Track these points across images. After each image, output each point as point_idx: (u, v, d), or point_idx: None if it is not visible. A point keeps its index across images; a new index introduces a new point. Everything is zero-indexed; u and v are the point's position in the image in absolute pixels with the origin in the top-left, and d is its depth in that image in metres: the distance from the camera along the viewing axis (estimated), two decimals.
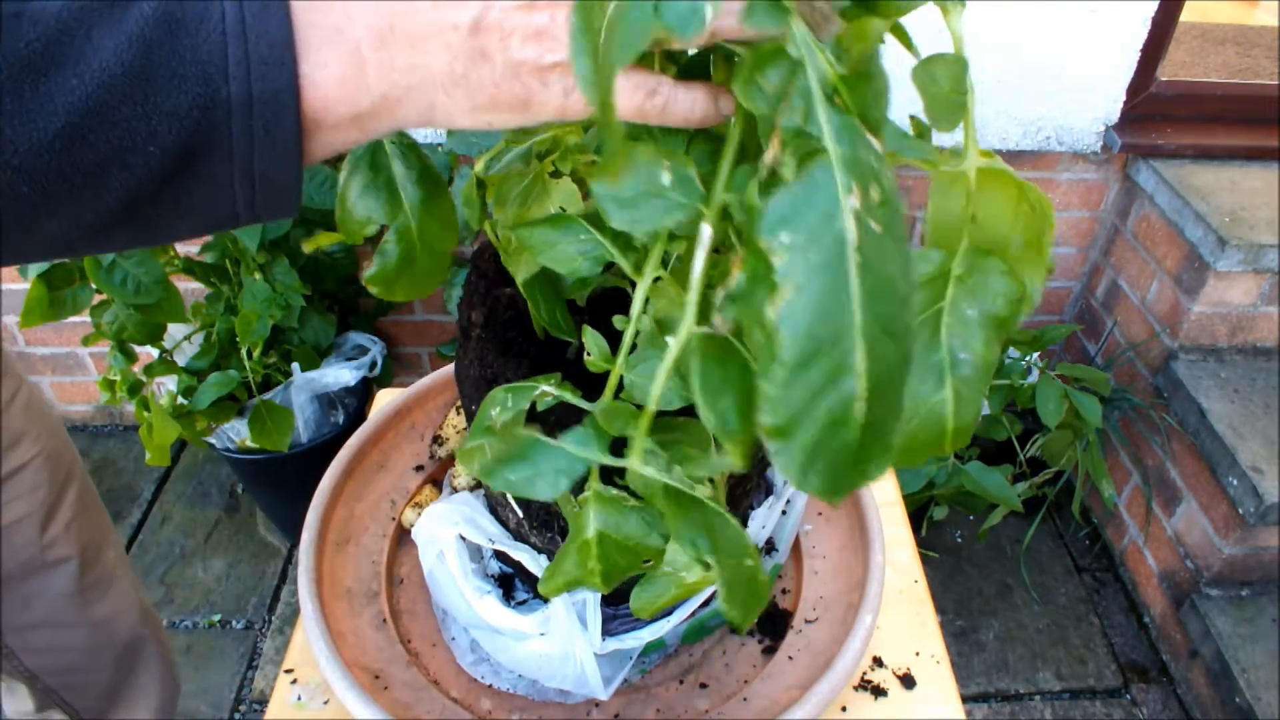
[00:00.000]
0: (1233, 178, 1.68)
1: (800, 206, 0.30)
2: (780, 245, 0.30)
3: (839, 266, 0.30)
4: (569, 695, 0.68)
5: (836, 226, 0.30)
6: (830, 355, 0.30)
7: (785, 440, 0.31)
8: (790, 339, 0.30)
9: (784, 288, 0.30)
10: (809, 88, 0.32)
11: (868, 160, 0.31)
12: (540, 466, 0.42)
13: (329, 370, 1.59)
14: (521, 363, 0.57)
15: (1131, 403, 1.73)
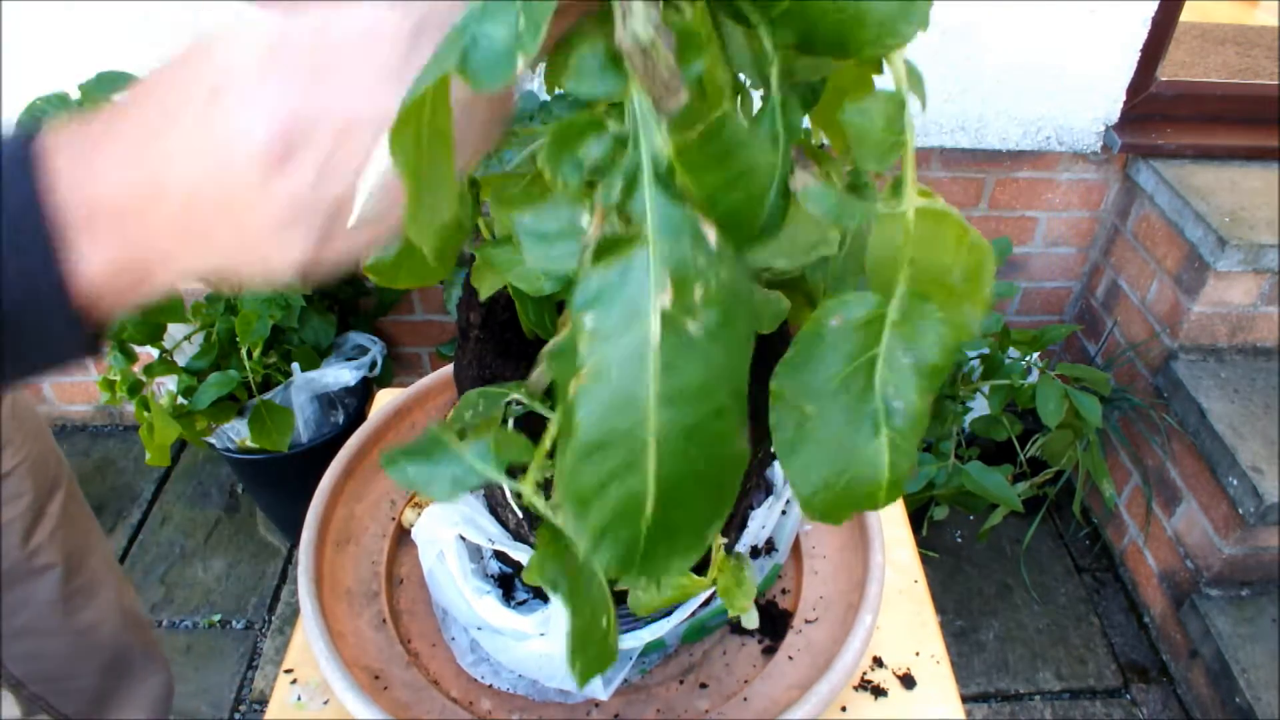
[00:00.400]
0: (1233, 178, 1.68)
1: (609, 295, 0.28)
2: (587, 328, 0.29)
3: (639, 366, 0.28)
4: (569, 695, 0.68)
5: (641, 325, 0.28)
6: (620, 449, 0.29)
7: (577, 511, 0.30)
8: (584, 421, 0.29)
9: (584, 371, 0.29)
10: (638, 165, 0.29)
11: (693, 258, 0.29)
12: (440, 469, 0.42)
13: (329, 370, 1.59)
14: (520, 364, 0.57)
15: (1131, 403, 1.73)
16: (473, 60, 0.27)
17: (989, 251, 0.39)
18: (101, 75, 1.40)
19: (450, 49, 0.28)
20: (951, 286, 0.38)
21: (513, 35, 0.27)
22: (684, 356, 0.29)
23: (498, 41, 0.27)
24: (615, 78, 0.29)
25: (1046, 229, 1.86)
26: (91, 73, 1.41)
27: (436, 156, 0.31)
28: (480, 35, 0.28)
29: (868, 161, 0.35)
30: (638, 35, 0.27)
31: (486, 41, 0.27)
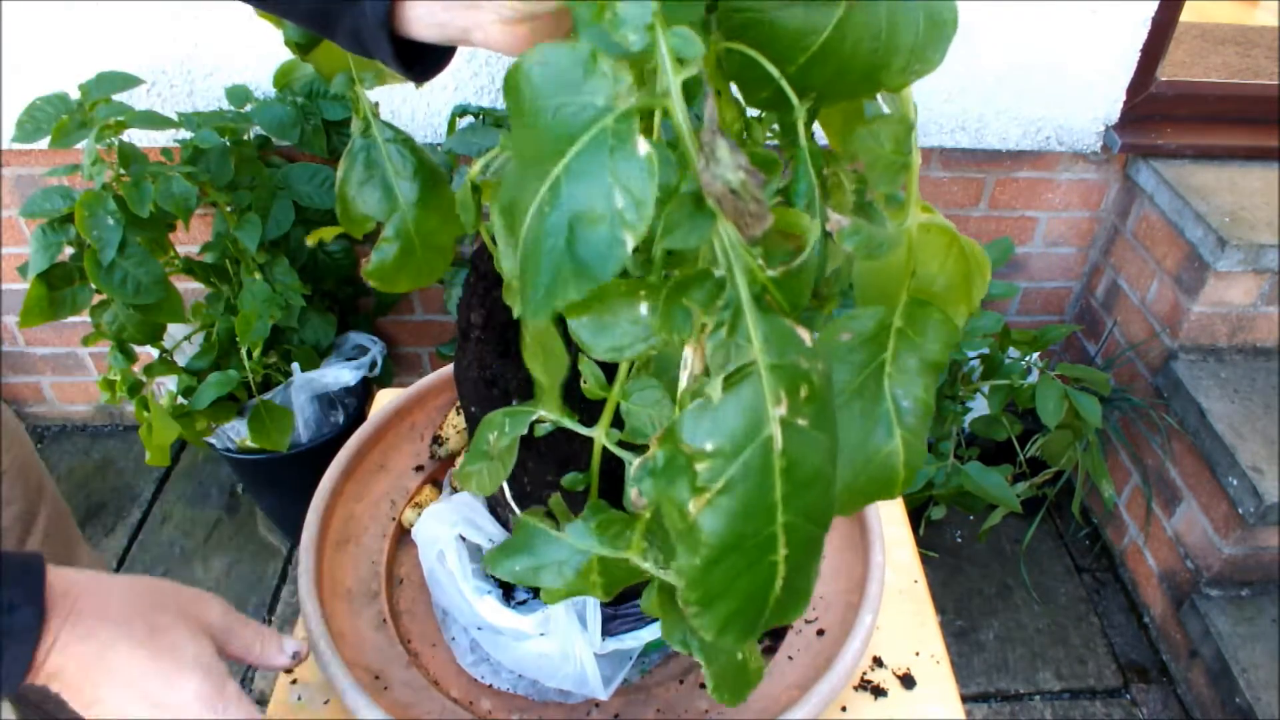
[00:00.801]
0: (1233, 178, 1.68)
1: (724, 418, 0.30)
2: (705, 452, 0.30)
3: (765, 473, 0.30)
4: (569, 695, 0.68)
5: (764, 435, 0.30)
6: (751, 548, 0.31)
7: (704, 609, 0.32)
8: (710, 535, 0.30)
9: (708, 491, 0.30)
10: (737, 297, 0.31)
11: (798, 363, 0.31)
12: (543, 559, 0.44)
13: (329, 370, 1.59)
14: (520, 364, 0.57)
15: (1131, 403, 1.73)
16: (581, 259, 0.29)
17: (981, 257, 0.42)
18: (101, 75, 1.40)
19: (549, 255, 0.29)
20: (948, 290, 0.40)
21: (611, 211, 0.28)
22: (801, 451, 0.31)
23: (599, 229, 0.28)
24: (703, 222, 0.31)
25: (1046, 229, 1.86)
26: (91, 73, 1.41)
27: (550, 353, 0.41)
28: (575, 223, 0.28)
29: (880, 183, 0.38)
30: (728, 180, 0.28)
31: (585, 230, 0.28)
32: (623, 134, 0.28)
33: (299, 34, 0.54)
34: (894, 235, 0.37)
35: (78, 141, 1.31)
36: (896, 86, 0.33)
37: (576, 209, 0.28)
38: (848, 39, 0.32)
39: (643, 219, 0.28)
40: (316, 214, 1.52)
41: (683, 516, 0.31)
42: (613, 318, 0.36)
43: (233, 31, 1.50)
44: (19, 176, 1.68)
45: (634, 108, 0.28)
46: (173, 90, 1.56)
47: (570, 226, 0.28)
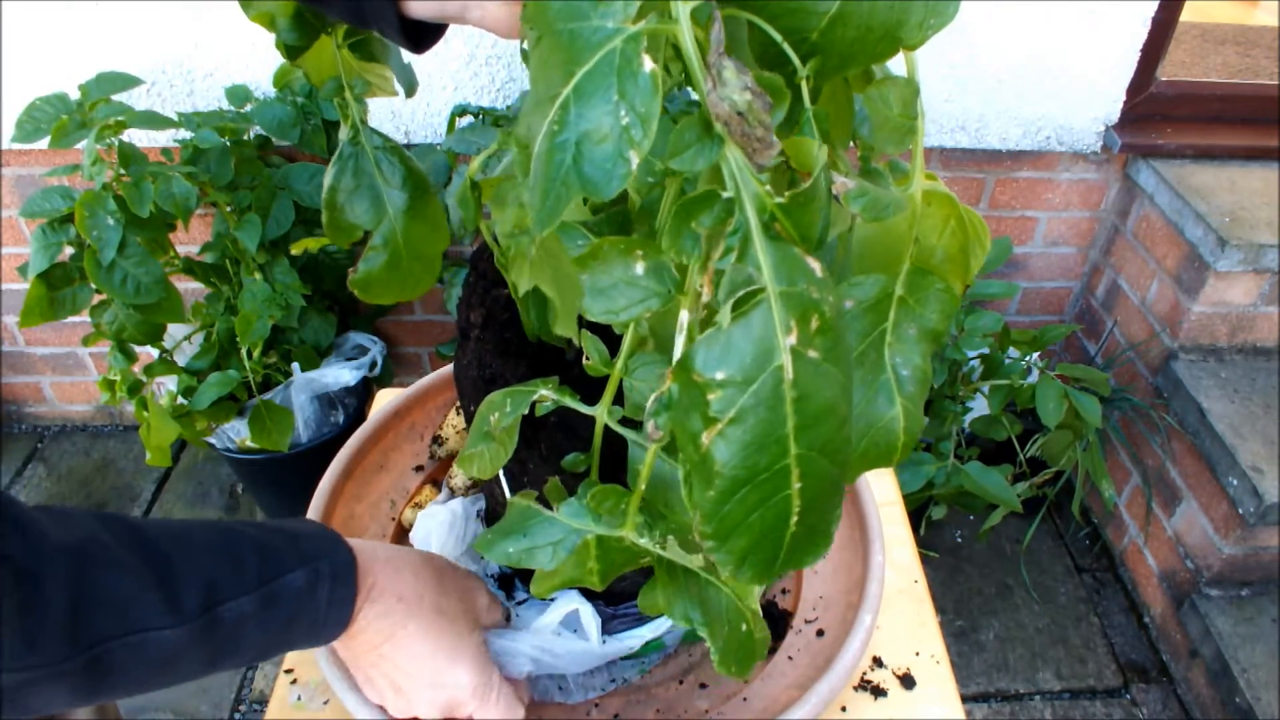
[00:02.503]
0: (1233, 178, 1.68)
1: (736, 347, 0.30)
2: (716, 381, 0.30)
3: (775, 403, 0.30)
4: (569, 694, 0.68)
5: (774, 365, 0.30)
6: (764, 481, 0.31)
7: (720, 544, 0.32)
8: (724, 466, 0.31)
9: (720, 421, 0.30)
10: (746, 223, 0.31)
11: (808, 292, 0.31)
12: (537, 539, 0.44)
13: (329, 370, 1.59)
14: (520, 363, 0.57)
15: (1131, 403, 1.73)
16: (587, 176, 0.29)
17: (981, 227, 0.42)
18: (101, 75, 1.40)
19: (557, 170, 0.29)
20: (947, 260, 0.41)
21: (618, 129, 0.28)
22: (813, 383, 0.31)
23: (606, 145, 0.29)
24: (711, 145, 0.31)
25: (1046, 229, 1.86)
26: (91, 73, 1.41)
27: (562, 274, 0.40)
28: (582, 142, 0.29)
29: (886, 145, 0.37)
30: (734, 101, 0.29)
31: (591, 149, 0.29)
32: (629, 54, 0.28)
33: (290, 36, 0.54)
34: (899, 198, 0.37)
35: (78, 141, 1.31)
36: (916, 42, 0.33)
37: (585, 127, 0.29)
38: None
39: (647, 135, 0.28)
40: (316, 214, 1.52)
41: (696, 448, 0.31)
42: (609, 279, 0.36)
43: (233, 31, 1.50)
44: (19, 176, 1.68)
45: (643, 30, 0.28)
46: (173, 90, 1.56)
47: (578, 144, 0.29)
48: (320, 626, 0.50)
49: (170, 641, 0.43)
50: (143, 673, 0.43)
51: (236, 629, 0.45)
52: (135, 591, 0.42)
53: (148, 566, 0.43)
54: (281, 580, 0.47)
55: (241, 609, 0.45)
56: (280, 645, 0.49)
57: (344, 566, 0.51)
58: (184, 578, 0.44)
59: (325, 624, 0.50)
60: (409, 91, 0.60)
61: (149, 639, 0.42)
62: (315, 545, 0.51)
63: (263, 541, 0.48)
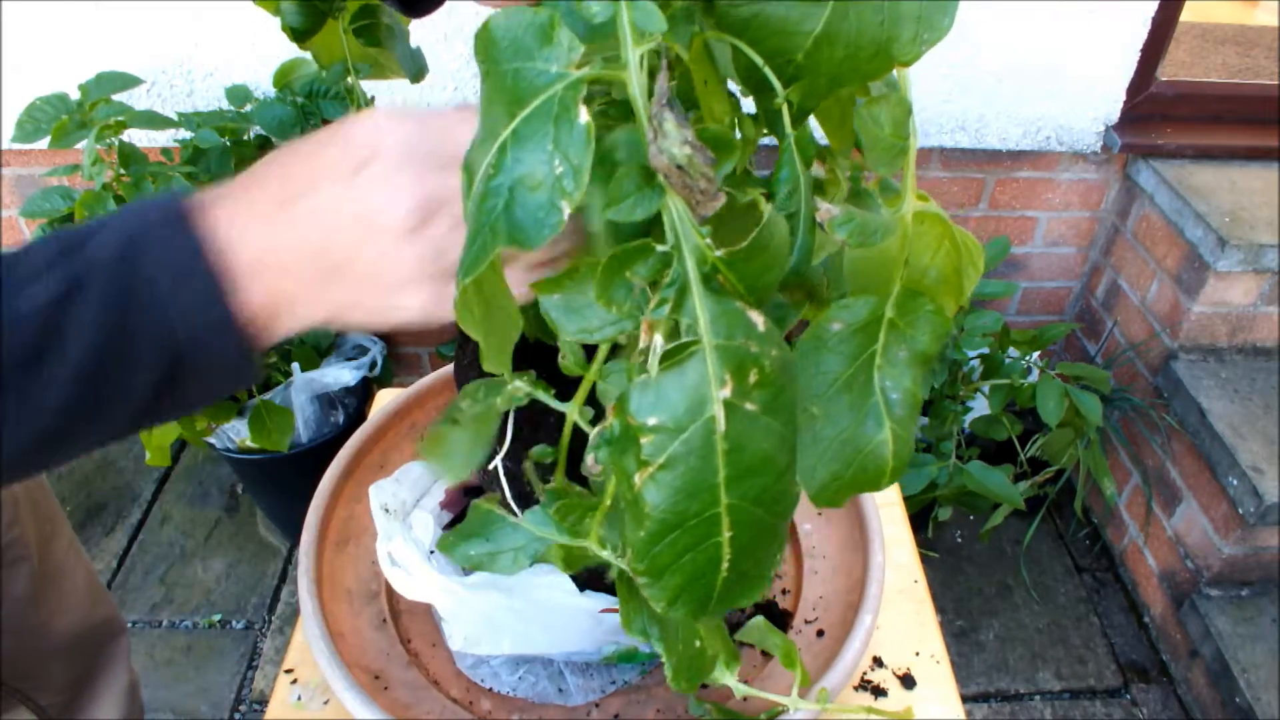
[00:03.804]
0: (1233, 178, 1.68)
1: (667, 395, 0.30)
2: (648, 426, 0.30)
3: (706, 452, 0.30)
4: (569, 696, 0.68)
5: (706, 416, 0.30)
6: (694, 527, 0.31)
7: (654, 580, 0.32)
8: (655, 510, 0.31)
9: (650, 465, 0.30)
10: (684, 275, 0.31)
11: (746, 346, 0.31)
12: (501, 544, 0.44)
13: (329, 370, 1.59)
14: (520, 363, 0.56)
15: (1131, 403, 1.73)
16: (518, 223, 0.29)
17: (974, 248, 0.41)
18: (101, 75, 1.40)
19: (488, 216, 0.29)
20: (939, 281, 0.40)
21: (551, 178, 0.28)
22: (747, 435, 0.31)
23: (540, 194, 0.29)
24: (652, 196, 0.31)
25: (1046, 229, 1.86)
26: (91, 73, 1.41)
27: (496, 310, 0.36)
28: (516, 188, 0.29)
29: (879, 165, 0.37)
30: (674, 155, 0.29)
31: (524, 195, 0.29)
32: (567, 102, 0.28)
33: (296, 19, 0.53)
34: (889, 222, 0.37)
35: (78, 141, 1.31)
36: (910, 59, 0.33)
37: (520, 173, 0.29)
38: (849, 16, 0.32)
39: (579, 187, 0.28)
40: None
41: (630, 487, 0.31)
42: (584, 299, 0.35)
43: (233, 31, 1.50)
44: (19, 176, 1.68)
45: (584, 77, 0.28)
46: (173, 90, 1.56)
47: (511, 190, 0.29)
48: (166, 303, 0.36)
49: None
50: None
51: (47, 326, 0.35)
52: None
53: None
54: (85, 251, 0.36)
55: (45, 294, 0.35)
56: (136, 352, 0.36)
57: (174, 214, 0.37)
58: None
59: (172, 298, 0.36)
60: (416, 77, 0.60)
61: None
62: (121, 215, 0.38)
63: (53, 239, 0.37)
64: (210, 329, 0.37)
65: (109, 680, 0.96)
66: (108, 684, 0.96)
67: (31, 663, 0.86)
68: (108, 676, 0.96)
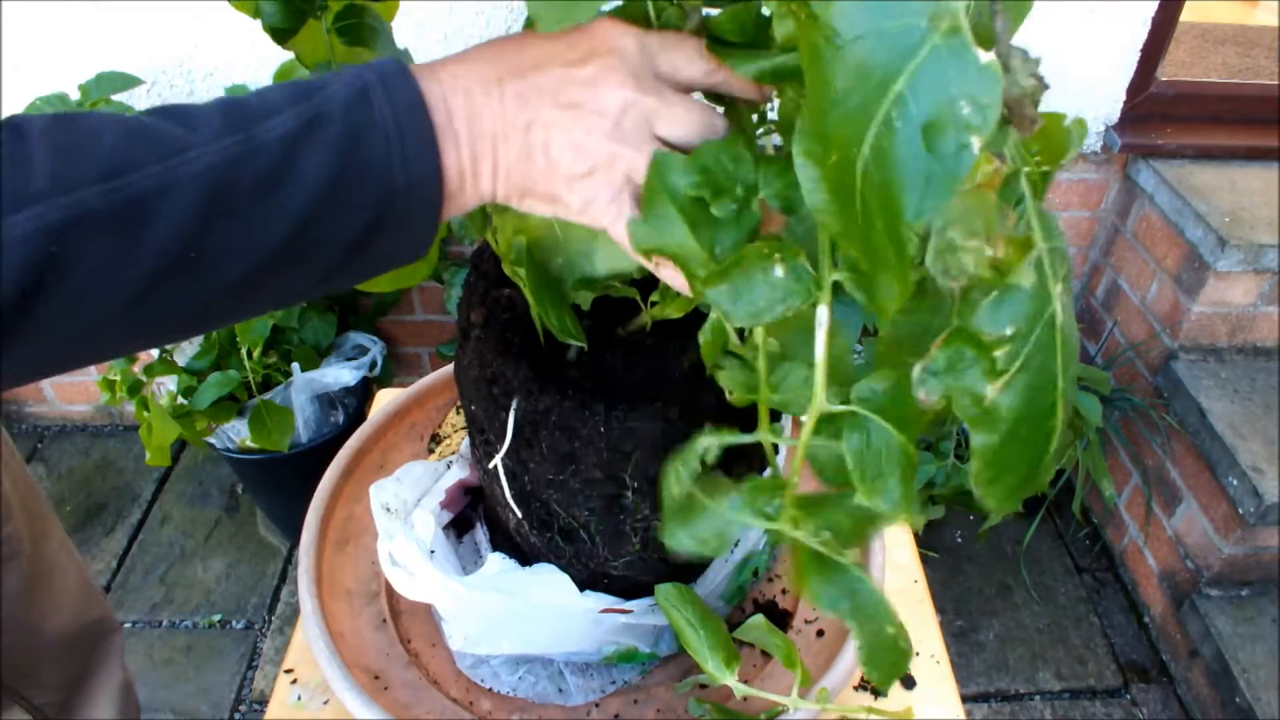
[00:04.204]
0: (1233, 178, 1.68)
1: (1019, 303, 0.34)
2: (1005, 337, 0.34)
3: (1050, 346, 0.34)
4: (569, 696, 0.68)
5: (1049, 312, 0.34)
6: (1039, 416, 0.35)
7: (992, 485, 0.36)
8: (1009, 411, 0.35)
9: (1007, 373, 0.34)
10: (1023, 191, 0.35)
11: (1061, 244, 0.35)
12: (707, 528, 0.46)
13: (329, 370, 1.59)
14: (520, 363, 0.57)
15: (1131, 403, 1.73)
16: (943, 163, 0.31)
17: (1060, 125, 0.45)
18: (101, 75, 1.40)
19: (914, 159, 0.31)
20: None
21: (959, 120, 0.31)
22: (1068, 321, 0.35)
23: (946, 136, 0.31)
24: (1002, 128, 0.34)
25: None
26: (91, 73, 1.41)
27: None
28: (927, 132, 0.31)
29: None
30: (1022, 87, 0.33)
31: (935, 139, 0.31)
32: (956, 48, 0.30)
33: (276, 19, 0.53)
34: None
35: None
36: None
37: (926, 119, 0.31)
38: None
39: (988, 122, 0.30)
40: None
41: (977, 402, 0.34)
42: (747, 283, 0.39)
43: (233, 31, 1.50)
44: None
45: (957, 25, 0.30)
46: (173, 90, 1.56)
47: (924, 135, 0.31)
48: (390, 145, 0.39)
49: (208, 169, 0.36)
50: (190, 222, 0.35)
51: (288, 156, 0.37)
52: (155, 125, 0.36)
53: (162, 114, 0.38)
54: (322, 94, 0.39)
55: (285, 126, 0.37)
56: (358, 193, 0.38)
57: (394, 72, 0.40)
58: (199, 110, 0.38)
59: (398, 143, 0.39)
60: None
61: (181, 169, 0.35)
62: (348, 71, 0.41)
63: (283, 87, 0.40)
64: (420, 177, 0.40)
65: (103, 679, 0.96)
66: (102, 683, 0.95)
67: (26, 662, 0.85)
68: (102, 675, 0.95)
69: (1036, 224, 0.34)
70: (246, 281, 0.38)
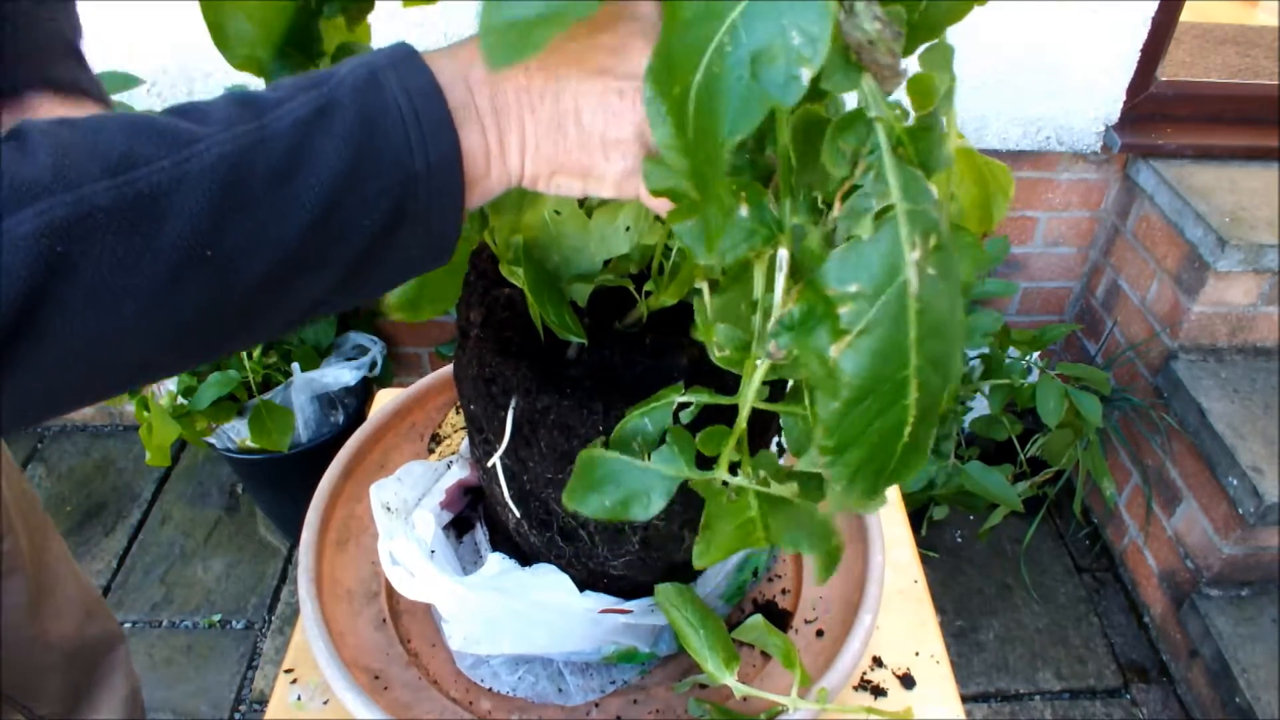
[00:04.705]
0: (1233, 178, 1.68)
1: (868, 260, 0.32)
2: (847, 294, 0.32)
3: (900, 315, 0.32)
4: (569, 696, 0.68)
5: (900, 278, 0.32)
6: (886, 391, 0.33)
7: (838, 457, 0.34)
8: (852, 377, 0.33)
9: (849, 333, 0.32)
10: (878, 144, 0.33)
11: (928, 211, 0.33)
12: (632, 487, 0.45)
13: (329, 370, 1.59)
14: (520, 363, 0.57)
15: (1131, 403, 1.73)
16: (766, 90, 0.31)
17: (1004, 178, 0.44)
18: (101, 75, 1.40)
19: (738, 84, 0.31)
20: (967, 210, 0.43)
21: (789, 49, 0.31)
22: (931, 298, 0.33)
23: (775, 65, 0.31)
24: (853, 72, 0.33)
25: (1046, 229, 1.86)
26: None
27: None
28: (755, 62, 0.31)
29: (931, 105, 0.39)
30: (865, 30, 0.32)
31: (763, 68, 0.31)
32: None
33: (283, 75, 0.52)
34: (950, 152, 0.40)
35: None
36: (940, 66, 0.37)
37: (756, 47, 0.30)
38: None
39: (818, 54, 0.30)
40: None
41: (822, 362, 0.33)
42: (715, 223, 0.38)
43: None
44: None
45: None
46: (173, 90, 1.56)
47: (751, 62, 0.31)
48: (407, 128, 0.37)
49: (219, 160, 0.34)
50: (204, 217, 0.34)
51: (300, 143, 0.36)
52: (163, 121, 0.35)
53: (172, 111, 0.36)
54: (331, 81, 0.37)
55: (295, 113, 0.36)
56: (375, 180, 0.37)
57: (404, 55, 0.39)
58: (209, 105, 0.37)
59: (414, 125, 0.37)
60: None
61: (192, 161, 0.34)
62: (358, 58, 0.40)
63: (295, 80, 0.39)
64: (439, 161, 0.38)
65: (107, 691, 0.95)
66: (105, 695, 0.95)
67: (27, 673, 0.85)
68: (105, 687, 0.95)
69: (893, 180, 0.33)
70: (267, 283, 0.36)
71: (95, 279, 0.32)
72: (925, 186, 0.33)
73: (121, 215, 0.32)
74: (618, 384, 0.57)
